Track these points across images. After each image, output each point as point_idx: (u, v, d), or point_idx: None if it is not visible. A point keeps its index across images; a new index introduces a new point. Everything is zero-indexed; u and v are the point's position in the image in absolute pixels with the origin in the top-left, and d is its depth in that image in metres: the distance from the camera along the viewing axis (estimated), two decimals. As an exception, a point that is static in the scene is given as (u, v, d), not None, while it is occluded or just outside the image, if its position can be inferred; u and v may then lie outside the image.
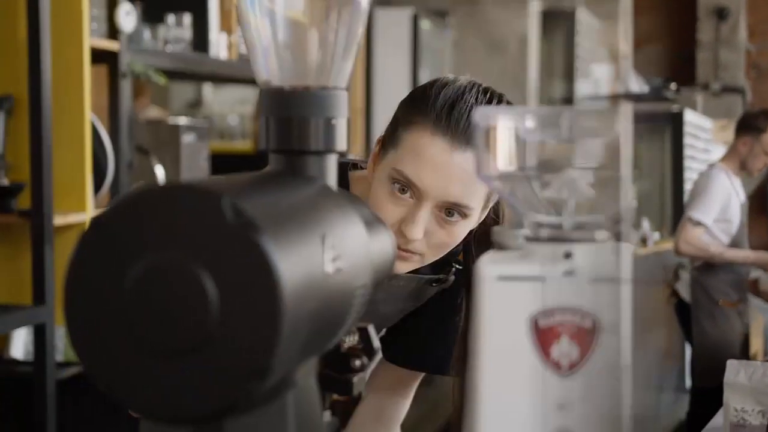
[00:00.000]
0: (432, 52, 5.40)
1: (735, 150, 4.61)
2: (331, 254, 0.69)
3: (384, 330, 1.55)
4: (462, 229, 1.30)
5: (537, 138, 0.71)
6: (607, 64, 6.56)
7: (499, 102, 1.31)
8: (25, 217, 2.48)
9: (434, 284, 1.46)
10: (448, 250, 1.33)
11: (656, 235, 5.89)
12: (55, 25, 2.52)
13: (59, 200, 2.54)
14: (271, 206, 0.65)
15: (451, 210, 1.27)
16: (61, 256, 2.46)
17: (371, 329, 0.85)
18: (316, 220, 0.69)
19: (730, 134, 8.02)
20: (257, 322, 0.60)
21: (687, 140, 6.84)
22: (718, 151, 8.06)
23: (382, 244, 0.84)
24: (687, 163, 6.82)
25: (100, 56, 2.80)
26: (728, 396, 1.90)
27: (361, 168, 1.46)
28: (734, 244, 4.49)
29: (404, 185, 1.27)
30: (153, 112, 4.93)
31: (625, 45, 6.82)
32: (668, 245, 5.69)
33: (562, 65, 7.12)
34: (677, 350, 5.37)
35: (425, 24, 5.33)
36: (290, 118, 0.77)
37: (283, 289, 0.60)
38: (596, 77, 6.11)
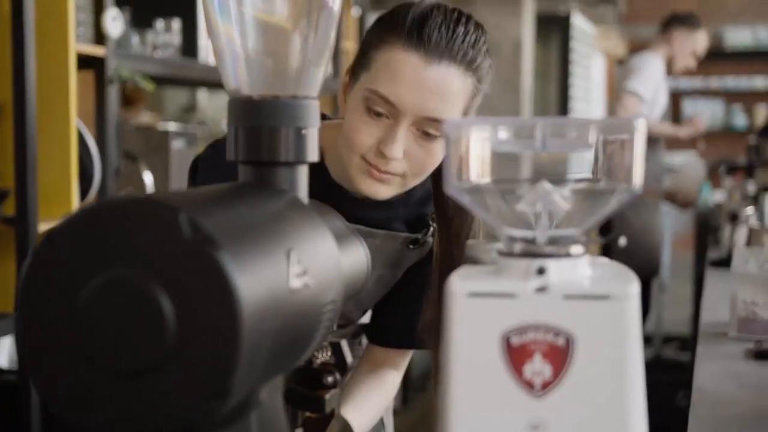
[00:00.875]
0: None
1: (666, 44, 4.67)
2: (297, 270, 0.66)
3: (368, 313, 1.53)
4: (441, 147, 1.29)
5: (510, 149, 0.69)
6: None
7: (468, 21, 1.30)
8: (10, 224, 2.45)
9: (412, 246, 1.44)
10: (430, 172, 1.32)
11: None
12: (41, 30, 2.50)
13: (45, 207, 2.51)
14: (233, 221, 0.63)
15: (428, 128, 1.27)
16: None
17: (344, 344, 0.83)
18: (281, 235, 0.67)
19: (611, 42, 8.06)
20: (215, 342, 0.58)
21: (572, 44, 6.87)
22: (598, 59, 8.12)
23: (355, 257, 0.82)
24: (571, 68, 6.88)
25: (87, 62, 2.77)
26: (737, 287, 1.78)
27: (327, 118, 1.45)
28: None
29: (379, 105, 1.26)
30: (145, 118, 4.91)
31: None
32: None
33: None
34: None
35: (419, 29, 5.29)
36: (259, 127, 0.75)
37: (242, 307, 0.58)
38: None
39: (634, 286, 0.65)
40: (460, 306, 0.66)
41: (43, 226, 2.49)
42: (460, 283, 0.66)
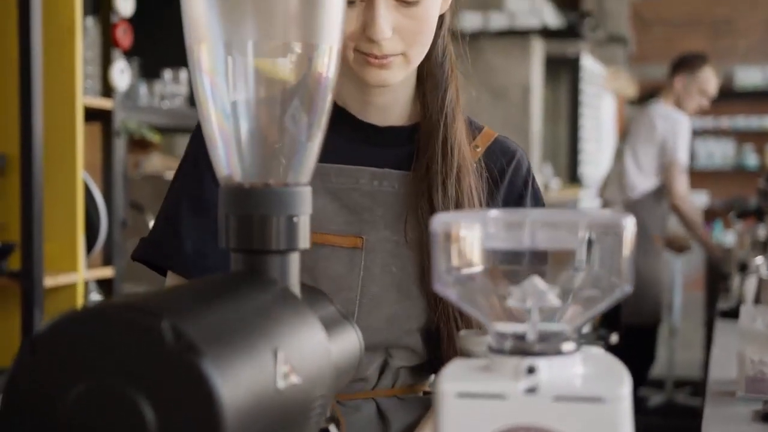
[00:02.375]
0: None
1: (671, 89, 4.74)
2: (285, 368, 0.65)
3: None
4: (428, 9, 1.24)
5: (499, 245, 0.68)
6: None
7: None
8: (15, 278, 2.45)
9: None
10: (429, 41, 1.27)
11: (556, 182, 6.06)
12: (48, 83, 2.52)
13: (50, 261, 2.52)
14: (218, 323, 0.62)
15: None
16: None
17: (332, 429, 0.82)
18: (268, 333, 0.66)
19: (621, 83, 8.13)
20: (198, 451, 0.57)
21: (582, 86, 6.91)
22: (608, 99, 8.18)
23: (346, 343, 0.81)
24: (581, 109, 6.93)
25: (94, 114, 2.79)
26: (743, 346, 1.73)
27: None
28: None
29: None
30: (157, 161, 4.92)
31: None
32: (572, 192, 5.88)
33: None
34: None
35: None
36: (250, 216, 0.74)
37: (225, 415, 0.57)
38: (511, 10, 5.88)
39: (626, 387, 0.64)
40: (449, 407, 0.65)
41: (49, 281, 2.48)
42: (449, 384, 0.65)
